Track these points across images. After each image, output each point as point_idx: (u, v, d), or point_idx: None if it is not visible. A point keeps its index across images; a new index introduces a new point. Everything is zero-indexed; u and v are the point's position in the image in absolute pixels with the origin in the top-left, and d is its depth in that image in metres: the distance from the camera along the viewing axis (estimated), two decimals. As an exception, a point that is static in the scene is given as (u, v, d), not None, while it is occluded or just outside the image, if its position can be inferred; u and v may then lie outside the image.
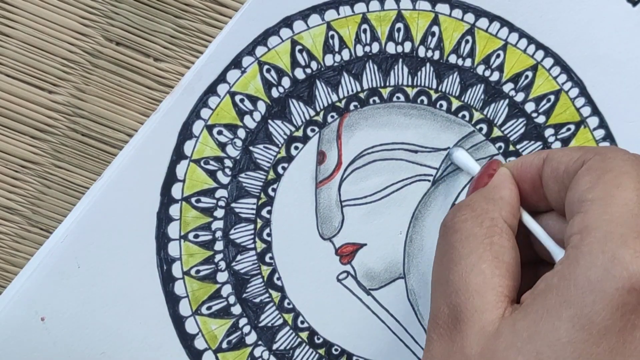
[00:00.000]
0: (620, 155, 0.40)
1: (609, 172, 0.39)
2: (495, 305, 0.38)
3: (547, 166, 0.43)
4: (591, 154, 0.41)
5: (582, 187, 0.39)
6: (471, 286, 0.39)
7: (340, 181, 0.51)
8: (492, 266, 0.40)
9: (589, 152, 0.41)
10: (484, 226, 0.41)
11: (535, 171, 0.44)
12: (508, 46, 0.52)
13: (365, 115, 0.51)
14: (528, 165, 0.44)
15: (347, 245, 0.52)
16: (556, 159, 0.43)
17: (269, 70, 0.50)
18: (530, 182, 0.44)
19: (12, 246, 0.50)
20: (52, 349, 0.48)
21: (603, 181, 0.38)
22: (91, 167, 0.51)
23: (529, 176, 0.44)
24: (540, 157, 0.44)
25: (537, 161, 0.44)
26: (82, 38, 0.50)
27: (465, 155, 0.51)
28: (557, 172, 0.42)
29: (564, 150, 0.43)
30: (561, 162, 0.42)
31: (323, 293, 0.51)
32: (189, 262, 0.50)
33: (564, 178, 0.42)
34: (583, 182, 0.39)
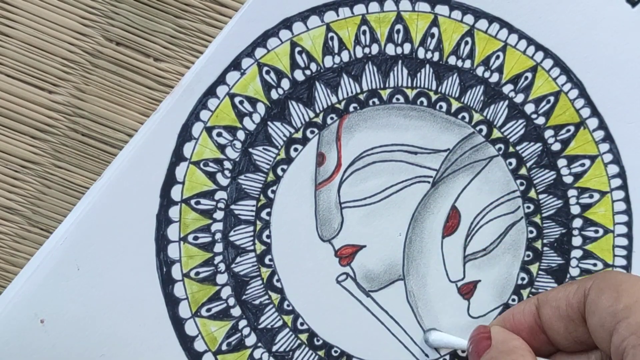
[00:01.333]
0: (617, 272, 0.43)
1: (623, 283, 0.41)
2: None
3: (545, 309, 0.44)
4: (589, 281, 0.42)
5: (606, 303, 0.40)
6: None
7: (340, 183, 0.51)
8: None
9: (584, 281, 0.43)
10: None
11: (531, 318, 0.45)
12: (507, 47, 0.52)
13: (364, 116, 0.51)
14: (520, 314, 0.46)
15: (346, 246, 0.52)
16: (551, 299, 0.44)
17: (268, 72, 0.50)
18: (527, 330, 0.45)
19: (12, 246, 0.51)
20: (51, 351, 0.48)
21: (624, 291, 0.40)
22: (91, 167, 0.51)
23: (526, 325, 0.46)
24: (531, 304, 0.46)
25: (529, 308, 0.46)
26: (82, 38, 0.50)
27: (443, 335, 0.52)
28: (560, 311, 0.44)
29: (556, 289, 0.45)
30: (560, 301, 0.44)
31: (323, 295, 0.51)
32: (188, 264, 0.50)
33: (568, 313, 0.43)
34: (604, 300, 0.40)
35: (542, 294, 0.45)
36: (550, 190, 0.53)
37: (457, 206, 0.53)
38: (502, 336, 0.45)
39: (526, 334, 0.45)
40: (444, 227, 0.53)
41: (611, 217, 0.54)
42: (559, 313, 0.43)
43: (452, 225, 0.53)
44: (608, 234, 0.54)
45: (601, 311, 0.40)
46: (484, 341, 0.46)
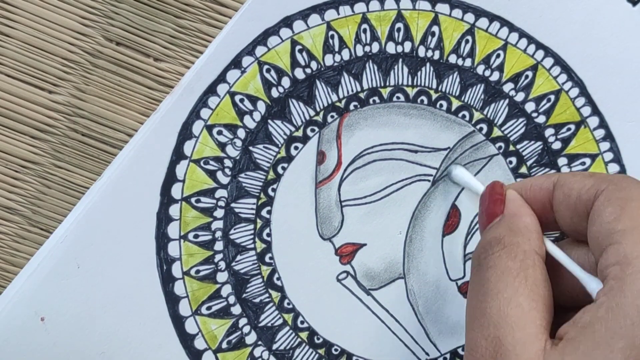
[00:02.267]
0: (635, 184, 0.41)
1: (631, 202, 0.39)
2: (536, 338, 0.39)
3: (559, 192, 0.43)
4: (605, 183, 0.41)
5: (607, 218, 0.39)
6: (510, 319, 0.39)
7: (340, 181, 0.51)
8: (529, 299, 0.40)
9: (601, 181, 0.41)
10: (518, 259, 0.41)
11: (546, 195, 0.44)
12: (508, 46, 0.52)
13: (365, 115, 0.51)
14: (538, 189, 0.45)
15: (347, 245, 0.51)
16: (567, 185, 0.43)
17: (268, 70, 0.50)
18: (540, 205, 0.44)
19: (12, 246, 0.50)
20: (51, 349, 0.48)
21: (629, 211, 0.39)
22: (91, 167, 0.51)
23: (539, 199, 0.44)
24: (550, 181, 0.44)
25: (547, 184, 0.44)
26: (82, 38, 0.50)
27: (465, 173, 0.51)
28: (569, 199, 0.43)
29: (575, 176, 0.43)
30: (573, 189, 0.42)
31: (323, 293, 0.51)
32: (188, 262, 0.50)
33: (577, 205, 0.42)
34: (606, 213, 0.39)
35: (563, 175, 0.44)
36: (550, 189, 0.53)
37: (458, 205, 0.53)
38: (515, 208, 0.44)
39: (537, 208, 0.44)
40: (445, 226, 0.52)
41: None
42: (569, 201, 0.42)
43: (453, 224, 0.52)
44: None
45: (600, 224, 0.40)
46: (498, 205, 0.45)
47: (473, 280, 0.43)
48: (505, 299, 0.40)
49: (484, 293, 0.41)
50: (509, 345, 0.39)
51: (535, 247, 0.42)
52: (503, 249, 0.42)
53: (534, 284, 0.41)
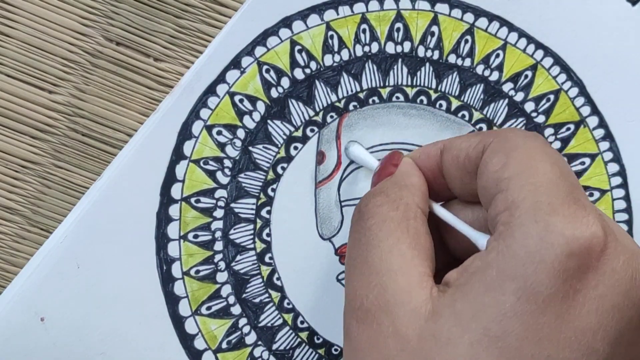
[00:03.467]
0: (520, 134, 0.41)
1: (516, 150, 0.39)
2: (420, 285, 0.38)
3: (447, 155, 0.43)
4: (490, 137, 0.41)
5: (494, 167, 0.39)
6: (393, 267, 0.39)
7: (340, 181, 0.51)
8: (411, 247, 0.40)
9: (487, 136, 0.41)
10: (400, 210, 0.41)
11: (434, 161, 0.44)
12: (507, 46, 0.52)
13: (364, 115, 0.51)
14: (427, 155, 0.45)
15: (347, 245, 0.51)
16: (455, 147, 0.43)
17: (268, 71, 0.50)
18: (430, 172, 0.44)
19: (12, 246, 0.51)
20: (51, 350, 0.48)
21: (514, 158, 0.39)
22: (91, 167, 0.51)
23: (429, 166, 0.44)
24: (437, 147, 0.44)
25: (435, 151, 0.44)
26: (82, 38, 0.50)
27: (361, 150, 0.51)
28: (458, 160, 0.42)
29: (461, 138, 0.43)
30: (461, 150, 0.42)
31: (323, 293, 0.51)
32: (188, 262, 0.50)
33: (465, 164, 0.42)
34: (493, 163, 0.39)
35: (449, 139, 0.44)
36: (550, 188, 0.53)
37: (458, 205, 0.53)
38: (406, 169, 0.44)
39: (428, 175, 0.44)
40: (444, 226, 0.53)
41: (611, 215, 0.54)
42: (458, 162, 0.42)
43: (453, 224, 0.53)
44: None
45: (488, 174, 0.39)
46: (391, 168, 0.45)
47: (354, 230, 0.43)
48: (388, 246, 0.40)
49: (365, 242, 0.41)
50: (393, 292, 0.38)
51: (418, 202, 0.42)
52: (386, 199, 0.42)
53: (416, 234, 0.40)
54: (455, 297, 0.37)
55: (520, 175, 0.38)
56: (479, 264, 0.37)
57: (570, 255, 0.35)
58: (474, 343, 0.36)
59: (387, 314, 0.38)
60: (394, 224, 0.41)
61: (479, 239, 0.40)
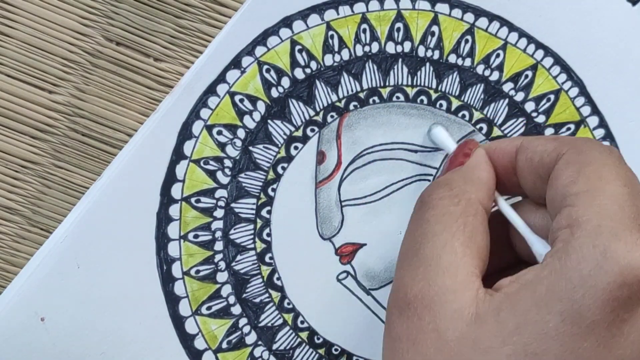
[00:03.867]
0: (596, 147, 0.40)
1: (589, 165, 0.39)
2: (466, 285, 0.38)
3: (521, 155, 0.43)
4: (566, 147, 0.41)
5: (564, 181, 0.39)
6: (442, 263, 0.39)
7: (340, 181, 0.51)
8: (464, 245, 0.39)
9: (563, 144, 0.41)
10: (460, 205, 0.41)
11: (509, 158, 0.44)
12: (508, 46, 0.52)
13: (365, 115, 0.51)
14: (502, 151, 0.44)
15: (347, 245, 0.52)
16: (530, 148, 0.43)
17: (268, 70, 0.50)
18: (503, 167, 0.44)
19: (12, 246, 0.50)
20: (51, 350, 0.48)
21: (585, 174, 0.38)
22: (91, 167, 0.51)
23: (503, 162, 0.44)
24: (514, 144, 0.44)
25: (511, 148, 0.44)
26: (82, 38, 0.50)
27: (443, 133, 0.51)
28: (532, 162, 0.42)
29: (539, 140, 0.43)
30: (535, 152, 0.42)
31: (323, 293, 0.51)
32: (188, 262, 0.50)
33: (538, 169, 0.42)
34: (564, 176, 0.39)
35: (526, 138, 0.44)
36: (550, 188, 0.53)
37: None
38: (476, 161, 0.44)
39: (501, 170, 0.44)
40: (445, 226, 0.52)
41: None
42: (531, 165, 0.42)
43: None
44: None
45: (557, 187, 0.39)
46: (463, 157, 0.45)
47: (413, 219, 0.43)
48: (441, 241, 0.40)
49: (421, 233, 0.41)
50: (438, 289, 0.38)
51: (481, 199, 0.42)
52: (449, 192, 0.42)
53: (472, 231, 0.40)
54: (502, 305, 0.37)
55: (587, 193, 0.38)
56: (531, 277, 0.37)
57: (622, 286, 0.35)
58: (511, 356, 0.36)
59: (429, 310, 0.38)
60: (452, 219, 0.40)
61: (538, 246, 0.40)
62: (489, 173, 0.44)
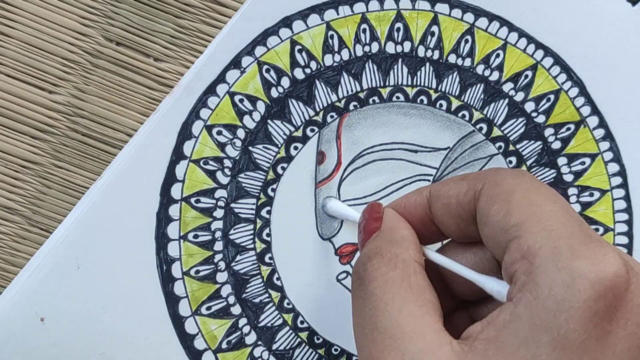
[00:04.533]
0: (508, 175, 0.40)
1: (512, 194, 0.39)
2: (439, 343, 0.37)
3: (436, 204, 0.43)
4: (479, 182, 0.41)
5: (497, 216, 0.39)
6: (406, 329, 0.38)
7: (340, 181, 0.51)
8: (418, 305, 0.39)
9: (475, 181, 0.41)
10: (398, 269, 0.40)
11: (422, 210, 0.44)
12: (507, 46, 0.52)
13: (364, 115, 0.51)
14: (412, 205, 0.44)
15: (346, 245, 0.52)
16: (443, 195, 0.42)
17: (268, 70, 0.50)
18: (418, 221, 0.44)
19: (12, 246, 0.50)
20: (51, 350, 0.48)
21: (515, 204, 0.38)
22: (91, 167, 0.51)
23: (416, 215, 0.44)
24: (422, 196, 0.44)
25: (421, 200, 0.44)
26: (82, 38, 0.50)
27: (340, 204, 0.51)
28: (450, 208, 0.42)
29: (448, 184, 0.43)
30: (450, 197, 0.42)
31: (323, 293, 0.51)
32: (188, 262, 0.50)
33: (458, 211, 0.42)
34: (494, 212, 0.39)
35: (434, 186, 0.43)
36: (550, 188, 0.53)
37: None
38: (392, 222, 0.44)
39: (417, 224, 0.43)
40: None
41: (611, 215, 0.54)
42: (450, 210, 0.42)
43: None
44: (608, 233, 0.54)
45: (492, 224, 0.39)
46: (375, 222, 0.44)
47: (356, 296, 0.42)
48: (396, 309, 0.39)
49: (371, 308, 0.40)
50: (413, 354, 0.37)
51: (414, 256, 0.41)
52: (382, 260, 0.41)
53: (420, 290, 0.40)
54: (488, 352, 0.36)
55: (528, 221, 0.37)
56: (507, 316, 0.37)
57: (597, 299, 0.35)
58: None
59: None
60: (396, 284, 0.40)
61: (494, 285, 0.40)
62: (409, 230, 0.43)
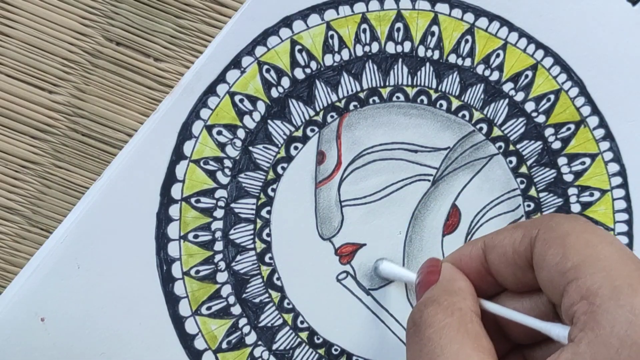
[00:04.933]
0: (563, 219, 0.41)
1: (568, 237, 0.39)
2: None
3: (492, 254, 0.43)
4: (534, 229, 0.41)
5: (553, 260, 0.39)
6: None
7: (340, 181, 0.51)
8: (476, 350, 0.39)
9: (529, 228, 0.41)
10: (455, 316, 0.40)
11: (478, 261, 0.44)
12: (508, 45, 0.52)
13: (365, 115, 0.51)
14: (468, 258, 0.44)
15: (346, 245, 0.52)
16: (498, 244, 0.43)
17: (268, 70, 0.50)
18: (474, 273, 0.44)
19: (12, 246, 0.50)
20: (51, 350, 0.48)
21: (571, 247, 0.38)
22: (91, 167, 0.51)
23: (472, 267, 0.44)
24: (477, 247, 0.44)
25: (476, 251, 0.44)
26: (82, 38, 0.50)
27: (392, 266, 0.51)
28: (506, 257, 0.42)
29: (502, 234, 0.43)
30: (506, 246, 0.42)
31: (323, 293, 0.51)
32: (188, 262, 0.50)
33: (515, 260, 0.42)
34: (550, 256, 0.39)
35: (489, 236, 0.44)
36: (550, 188, 0.53)
37: (458, 204, 0.53)
38: (450, 274, 0.44)
39: (473, 277, 0.44)
40: (444, 226, 0.53)
41: (611, 215, 0.54)
42: (506, 259, 0.42)
43: (453, 224, 0.53)
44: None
45: (549, 268, 0.39)
46: (433, 275, 0.44)
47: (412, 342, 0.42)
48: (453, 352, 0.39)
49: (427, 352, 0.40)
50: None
51: (471, 306, 0.42)
52: (439, 307, 0.41)
53: (477, 336, 0.40)
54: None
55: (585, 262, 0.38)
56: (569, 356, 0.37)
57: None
58: None
59: None
60: (453, 330, 0.40)
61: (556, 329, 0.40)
62: (467, 282, 0.44)
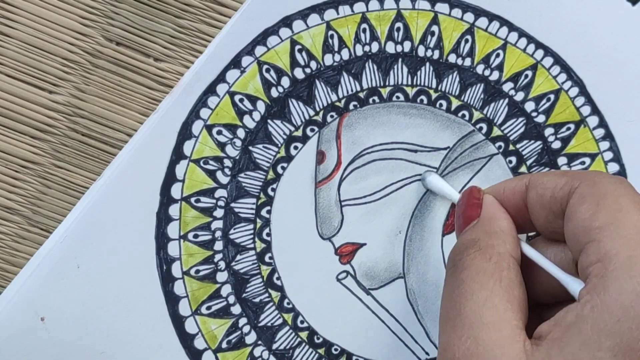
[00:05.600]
0: (607, 179, 0.41)
1: (605, 197, 0.39)
2: (513, 339, 0.38)
3: (532, 192, 0.43)
4: (577, 181, 0.41)
5: (583, 215, 0.39)
6: (486, 319, 0.39)
7: (340, 181, 0.51)
8: (504, 300, 0.40)
9: (574, 178, 0.42)
10: (492, 261, 0.41)
11: (519, 197, 0.44)
12: (507, 45, 0.52)
13: (364, 114, 0.51)
14: (511, 192, 0.45)
15: (346, 244, 0.51)
16: (540, 185, 0.43)
17: (268, 70, 0.50)
18: (514, 208, 0.45)
19: (12, 246, 0.50)
20: (51, 349, 0.48)
21: (604, 207, 0.39)
22: (91, 167, 0.51)
23: (513, 202, 0.45)
24: (522, 183, 0.44)
25: (520, 187, 0.44)
26: (82, 38, 0.51)
27: (440, 180, 0.51)
28: (544, 199, 0.43)
29: (547, 176, 0.43)
30: (546, 189, 0.43)
31: (323, 293, 0.51)
32: (188, 262, 0.50)
33: (551, 204, 0.42)
34: (582, 210, 0.39)
35: (535, 175, 0.44)
36: (550, 188, 0.53)
37: (458, 204, 0.53)
38: (491, 211, 0.45)
39: (513, 210, 0.44)
40: (444, 225, 0.52)
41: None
42: (543, 202, 0.43)
43: (452, 224, 0.52)
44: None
45: (577, 221, 0.39)
46: (475, 209, 0.45)
47: (448, 282, 0.43)
48: (480, 299, 0.40)
49: (458, 294, 0.41)
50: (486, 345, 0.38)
51: (511, 250, 0.42)
52: (478, 251, 0.42)
53: (509, 285, 0.40)
54: (551, 352, 0.37)
55: (611, 226, 0.38)
56: (573, 318, 0.37)
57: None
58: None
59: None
60: (486, 276, 0.41)
61: (571, 283, 0.40)
62: (509, 221, 0.44)
